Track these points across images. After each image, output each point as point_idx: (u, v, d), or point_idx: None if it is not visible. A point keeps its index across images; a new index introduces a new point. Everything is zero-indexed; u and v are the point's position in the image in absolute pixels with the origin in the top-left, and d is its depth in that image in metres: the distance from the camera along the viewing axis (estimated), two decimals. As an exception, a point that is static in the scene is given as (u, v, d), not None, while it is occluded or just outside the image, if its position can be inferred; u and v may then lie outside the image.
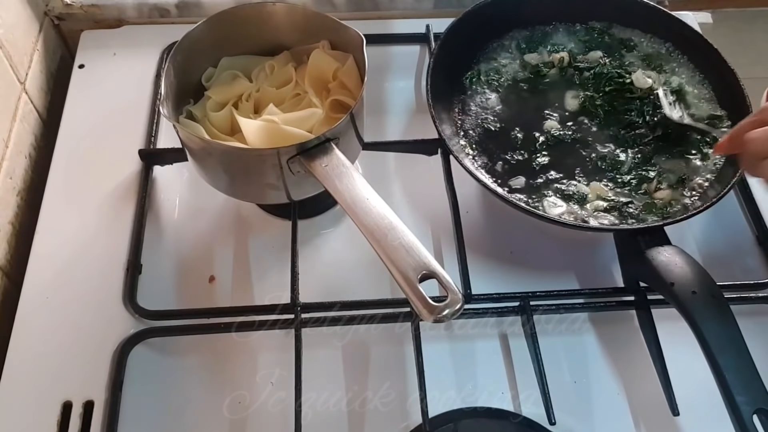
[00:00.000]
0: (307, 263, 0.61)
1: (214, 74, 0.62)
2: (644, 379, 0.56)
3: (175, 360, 0.57)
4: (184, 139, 0.56)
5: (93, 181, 0.66)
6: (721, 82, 0.67)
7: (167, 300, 0.59)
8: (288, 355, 0.55)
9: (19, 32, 0.70)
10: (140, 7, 0.78)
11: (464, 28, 0.68)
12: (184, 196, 0.66)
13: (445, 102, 0.67)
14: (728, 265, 0.63)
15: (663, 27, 0.72)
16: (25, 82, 0.70)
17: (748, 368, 0.49)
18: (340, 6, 0.80)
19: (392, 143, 0.69)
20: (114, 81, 0.73)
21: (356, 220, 0.48)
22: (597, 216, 0.60)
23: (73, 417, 0.53)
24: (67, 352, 0.56)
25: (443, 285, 0.44)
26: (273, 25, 0.62)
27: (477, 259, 0.61)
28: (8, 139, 0.65)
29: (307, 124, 0.58)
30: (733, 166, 0.61)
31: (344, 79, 0.60)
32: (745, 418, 0.47)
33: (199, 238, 0.64)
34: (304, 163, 0.51)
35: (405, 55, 0.78)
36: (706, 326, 0.50)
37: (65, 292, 0.59)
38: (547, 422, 0.53)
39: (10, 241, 0.64)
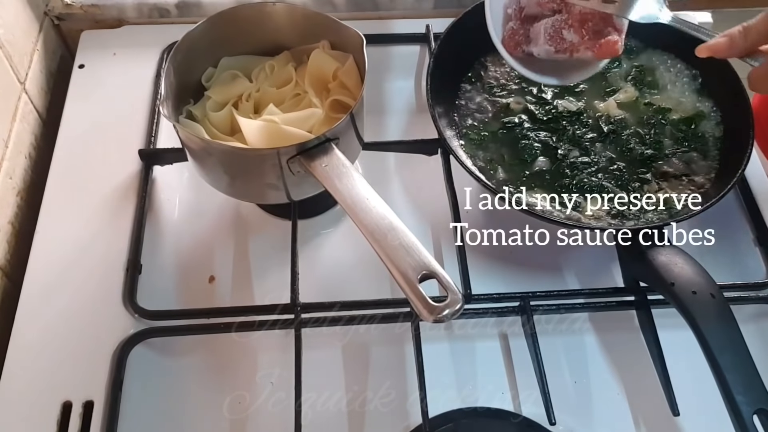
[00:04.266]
0: (307, 263, 0.61)
1: (214, 74, 0.62)
2: (644, 379, 0.56)
3: (175, 360, 0.57)
4: (184, 139, 0.56)
5: (93, 181, 0.66)
6: (721, 82, 0.67)
7: (167, 300, 0.59)
8: (288, 355, 0.55)
9: (19, 32, 0.70)
10: (140, 7, 0.78)
11: (464, 28, 0.68)
12: (184, 196, 0.66)
13: (445, 102, 0.67)
14: (728, 265, 0.63)
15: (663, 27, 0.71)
16: (25, 82, 0.70)
17: (748, 368, 0.49)
18: (340, 6, 0.80)
19: (392, 143, 0.69)
20: (114, 81, 0.73)
21: (356, 220, 0.48)
22: (597, 216, 0.60)
23: (73, 417, 0.53)
24: (67, 352, 0.56)
25: (443, 285, 0.44)
26: (273, 25, 0.62)
27: (477, 259, 0.61)
28: (8, 139, 0.65)
29: (307, 124, 0.58)
30: (733, 166, 0.61)
31: (344, 79, 0.60)
32: (745, 418, 0.47)
33: (199, 238, 0.64)
34: (304, 163, 0.51)
35: (405, 55, 0.78)
36: (706, 326, 0.50)
37: (65, 292, 0.59)
38: (547, 422, 0.53)
39: (10, 241, 0.64)
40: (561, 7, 0.58)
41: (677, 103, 0.68)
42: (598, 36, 0.58)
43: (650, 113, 0.68)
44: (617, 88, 0.69)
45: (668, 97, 0.69)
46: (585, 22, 0.57)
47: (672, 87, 0.69)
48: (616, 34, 0.58)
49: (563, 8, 0.58)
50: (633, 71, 0.71)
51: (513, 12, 0.61)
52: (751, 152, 0.62)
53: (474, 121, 0.67)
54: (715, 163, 0.64)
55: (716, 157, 0.65)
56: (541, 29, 0.59)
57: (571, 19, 0.57)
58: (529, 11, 0.60)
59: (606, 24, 0.58)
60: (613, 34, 0.58)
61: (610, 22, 0.58)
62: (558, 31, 0.58)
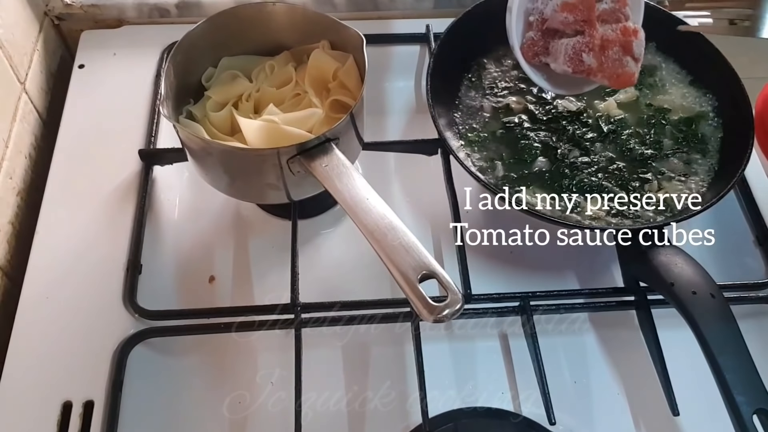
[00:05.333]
0: (307, 263, 0.61)
1: (214, 74, 0.62)
2: (644, 379, 0.56)
3: (175, 360, 0.57)
4: (184, 139, 0.56)
5: (93, 181, 0.66)
6: (721, 82, 0.67)
7: (167, 300, 0.59)
8: (288, 355, 0.55)
9: (19, 32, 0.70)
10: (140, 7, 0.78)
11: (464, 28, 0.68)
12: (184, 196, 0.66)
13: (445, 102, 0.67)
14: (728, 265, 0.63)
15: (663, 27, 0.71)
16: (25, 82, 0.70)
17: (748, 368, 0.49)
18: (340, 6, 0.80)
19: (392, 143, 0.69)
20: (114, 81, 0.73)
21: (356, 220, 0.48)
22: (597, 216, 0.60)
23: (73, 417, 0.53)
24: (67, 352, 0.56)
25: (443, 285, 0.44)
26: (273, 25, 0.62)
27: (477, 259, 0.61)
28: (8, 139, 0.65)
29: (307, 124, 0.58)
30: (733, 166, 0.61)
31: (344, 79, 0.60)
32: (745, 418, 0.47)
33: (199, 238, 0.64)
34: (304, 163, 0.51)
35: (405, 55, 0.78)
36: (706, 326, 0.50)
37: (65, 292, 0.59)
38: (547, 422, 0.53)
39: (10, 241, 0.64)
40: (584, 29, 0.59)
41: (677, 104, 0.68)
42: (616, 64, 0.59)
43: (650, 113, 0.68)
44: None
45: (668, 98, 0.69)
46: (606, 49, 0.58)
47: (672, 87, 0.70)
48: (634, 63, 0.59)
49: (585, 30, 0.59)
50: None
51: (535, 22, 0.61)
52: (751, 152, 0.61)
53: (474, 121, 0.67)
54: (715, 163, 0.64)
55: (716, 157, 0.65)
56: (562, 48, 0.59)
57: (592, 44, 0.58)
58: (551, 25, 0.60)
59: (626, 52, 0.58)
60: (630, 64, 0.59)
61: (629, 51, 0.59)
62: (578, 54, 0.59)
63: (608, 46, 0.58)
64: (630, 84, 0.60)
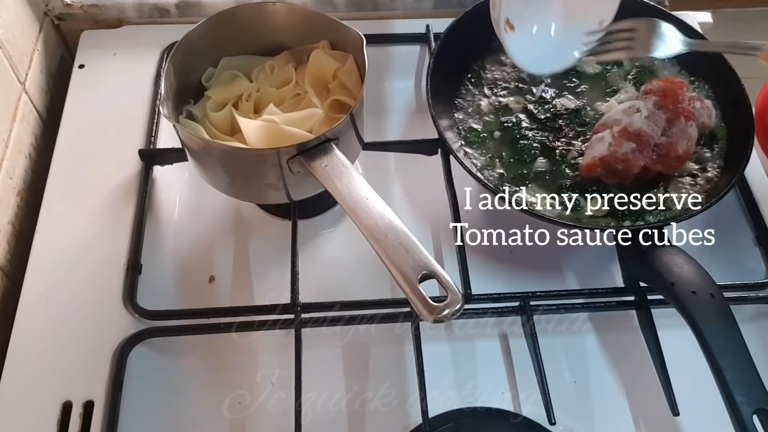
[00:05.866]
0: (307, 263, 0.61)
1: (214, 74, 0.62)
2: (644, 379, 0.56)
3: (175, 360, 0.57)
4: (184, 139, 0.56)
5: (93, 181, 0.66)
6: (721, 82, 0.67)
7: (167, 300, 0.59)
8: (288, 355, 0.55)
9: (19, 32, 0.70)
10: (140, 7, 0.78)
11: (464, 28, 0.68)
12: (184, 196, 0.66)
13: (445, 102, 0.67)
14: (728, 265, 0.63)
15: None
16: (25, 82, 0.70)
17: (748, 368, 0.49)
18: (340, 6, 0.80)
19: (392, 143, 0.69)
20: (114, 81, 0.73)
21: (356, 220, 0.48)
22: (597, 216, 0.60)
23: (73, 417, 0.53)
24: (67, 352, 0.56)
25: (443, 285, 0.44)
26: (273, 25, 0.62)
27: (477, 259, 0.61)
28: (8, 139, 0.65)
29: (307, 124, 0.58)
30: (733, 167, 0.61)
31: (344, 79, 0.60)
32: (745, 418, 0.47)
33: (199, 238, 0.64)
34: (304, 163, 0.51)
35: (405, 55, 0.78)
36: (706, 326, 0.50)
37: (65, 292, 0.59)
38: (547, 422, 0.53)
39: (10, 241, 0.64)
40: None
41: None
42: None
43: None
44: (618, 88, 0.69)
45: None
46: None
47: (672, 87, 0.69)
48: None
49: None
50: (633, 71, 0.71)
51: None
52: (751, 152, 0.62)
53: (474, 121, 0.67)
54: (715, 164, 0.64)
55: (716, 157, 0.65)
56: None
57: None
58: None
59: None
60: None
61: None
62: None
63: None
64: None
